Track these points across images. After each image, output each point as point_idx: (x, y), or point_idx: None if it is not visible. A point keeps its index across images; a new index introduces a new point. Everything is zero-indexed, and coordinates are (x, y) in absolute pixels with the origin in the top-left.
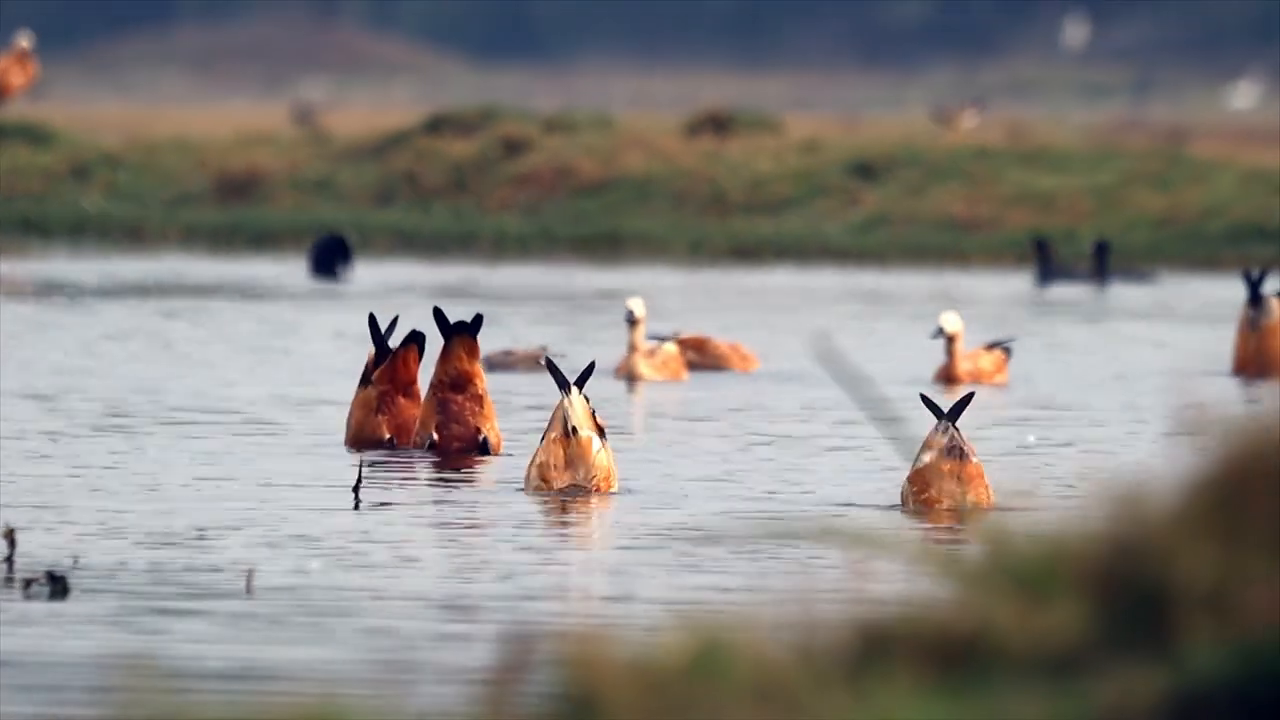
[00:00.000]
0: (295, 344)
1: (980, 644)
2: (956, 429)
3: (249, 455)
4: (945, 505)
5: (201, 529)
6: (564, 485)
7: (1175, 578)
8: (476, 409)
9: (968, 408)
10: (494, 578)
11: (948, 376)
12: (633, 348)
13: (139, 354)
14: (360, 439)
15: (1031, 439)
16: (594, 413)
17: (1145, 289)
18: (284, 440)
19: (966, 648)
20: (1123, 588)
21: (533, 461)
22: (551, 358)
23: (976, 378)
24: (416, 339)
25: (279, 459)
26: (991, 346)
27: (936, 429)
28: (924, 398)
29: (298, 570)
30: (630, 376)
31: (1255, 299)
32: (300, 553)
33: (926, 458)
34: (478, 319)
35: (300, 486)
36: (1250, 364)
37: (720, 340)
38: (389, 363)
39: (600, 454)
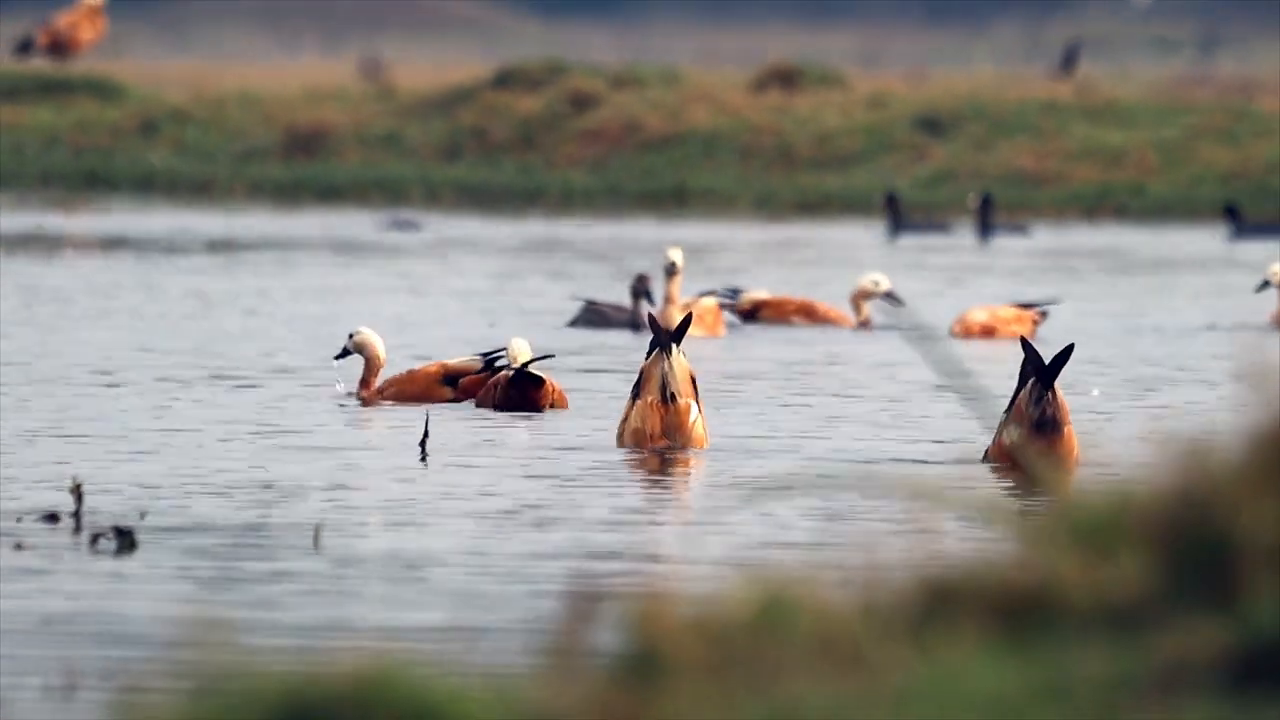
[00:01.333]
0: (363, 301)
1: (1044, 599)
2: (1052, 391)
3: (314, 410)
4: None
5: (268, 484)
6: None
7: (1239, 532)
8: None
9: (1067, 363)
10: (561, 532)
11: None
12: (669, 299)
13: (203, 311)
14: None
15: (1096, 392)
16: (692, 373)
17: (1023, 240)
18: (346, 396)
19: (1031, 602)
20: (1186, 542)
21: (626, 424)
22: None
23: (990, 331)
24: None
25: (342, 414)
26: (1026, 307)
27: (1030, 394)
28: (1024, 343)
29: (364, 525)
30: None
31: None
32: (368, 507)
33: (1014, 433)
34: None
35: (365, 443)
36: None
37: (827, 305)
38: None
39: (697, 423)
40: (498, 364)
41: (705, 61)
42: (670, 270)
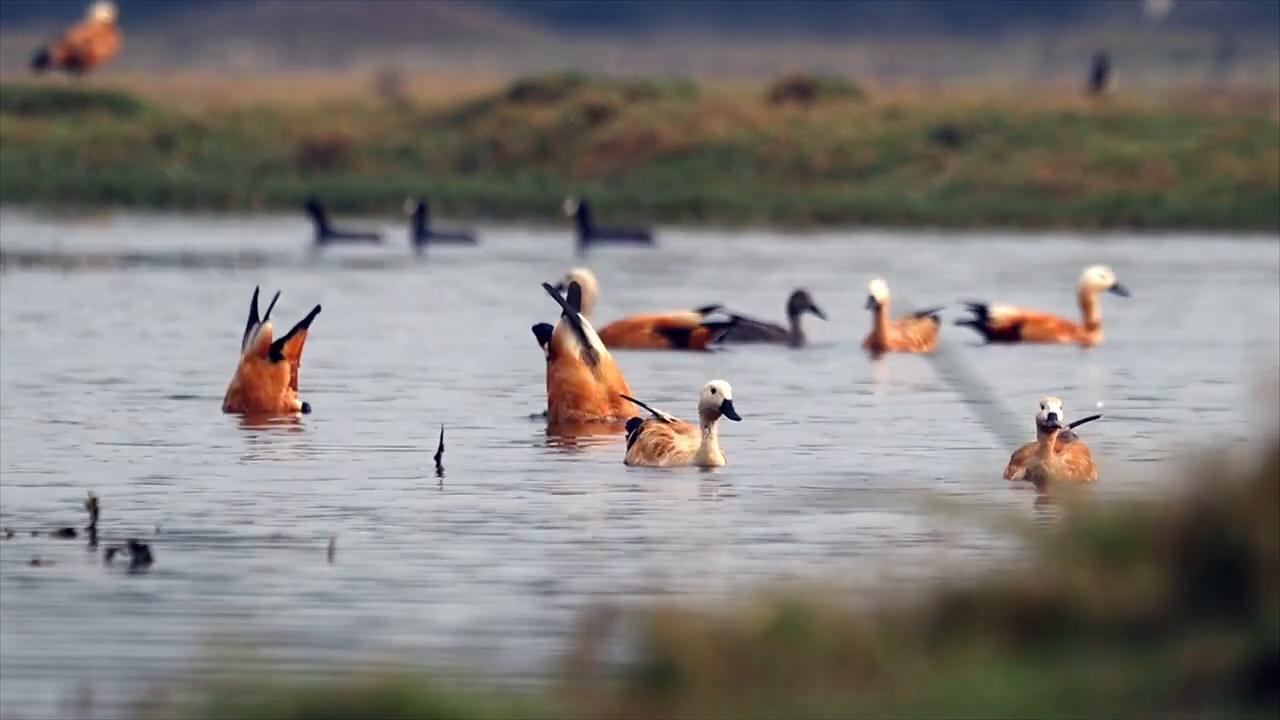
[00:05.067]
0: (380, 312)
1: (1060, 610)
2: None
3: (330, 423)
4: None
5: (283, 497)
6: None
7: (1254, 544)
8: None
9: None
10: (578, 545)
11: (875, 344)
12: (879, 337)
13: (222, 323)
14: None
15: (1100, 404)
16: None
17: (465, 249)
18: (365, 406)
19: (1047, 614)
20: (1202, 554)
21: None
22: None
23: (905, 347)
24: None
25: (358, 426)
26: (921, 315)
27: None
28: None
29: (379, 538)
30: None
31: None
32: (383, 520)
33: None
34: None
35: (380, 455)
36: None
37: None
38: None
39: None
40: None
41: (720, 73)
42: (872, 304)
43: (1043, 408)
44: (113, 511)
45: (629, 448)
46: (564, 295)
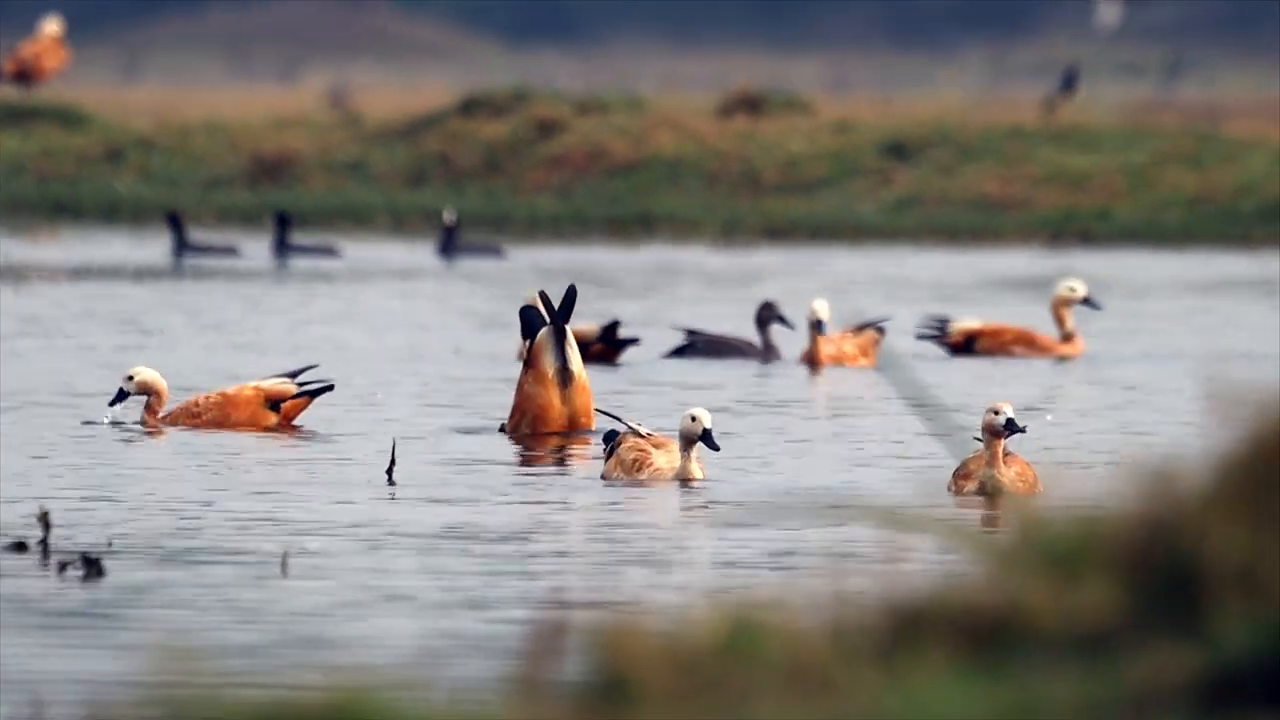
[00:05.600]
0: (334, 327)
1: (1012, 623)
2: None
3: (280, 436)
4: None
5: (236, 510)
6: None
7: (1206, 556)
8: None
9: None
10: (530, 557)
11: (810, 360)
12: (815, 354)
13: (176, 337)
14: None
15: (1049, 418)
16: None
17: (331, 262)
18: (317, 419)
19: (998, 627)
20: (1154, 567)
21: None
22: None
23: (839, 361)
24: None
25: (308, 439)
26: (861, 328)
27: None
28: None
29: (332, 551)
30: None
31: None
32: (336, 533)
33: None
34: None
35: (332, 467)
36: None
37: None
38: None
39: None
40: (310, 386)
41: (670, 87)
42: (815, 325)
43: (996, 413)
44: (65, 525)
45: (606, 461)
46: (555, 304)
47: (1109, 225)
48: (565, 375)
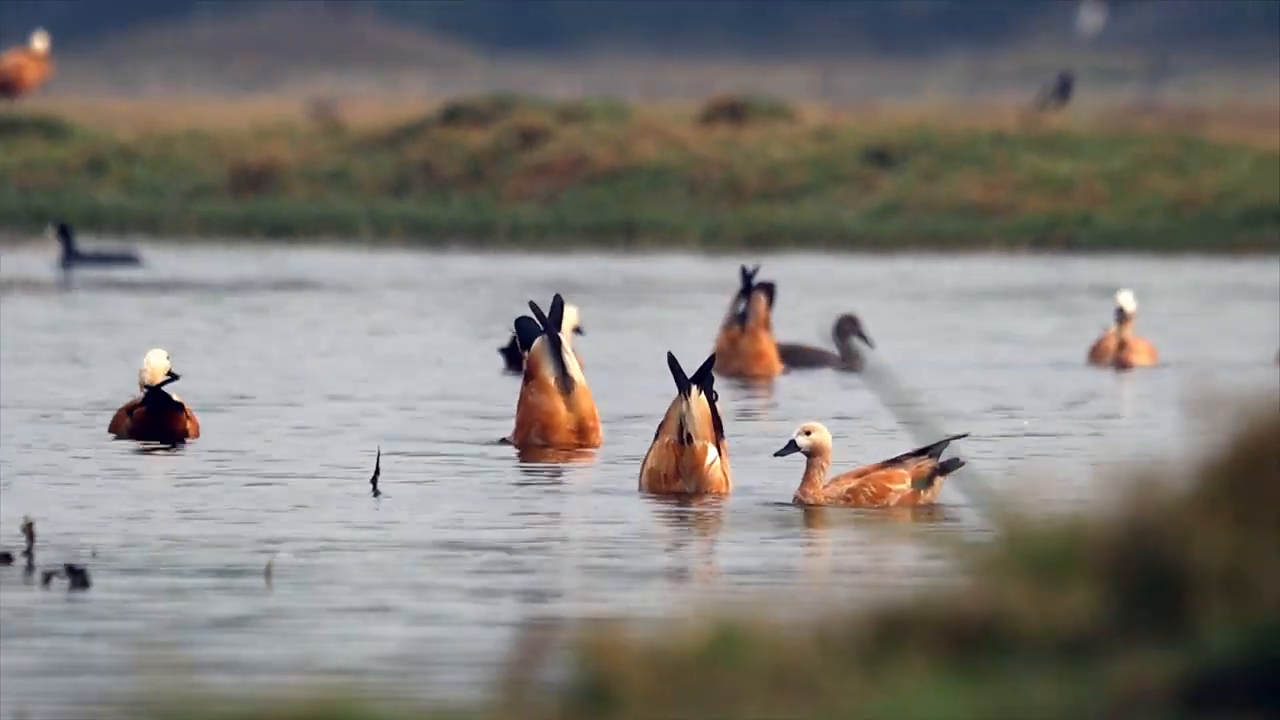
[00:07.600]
0: (322, 336)
1: (996, 628)
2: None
3: (264, 446)
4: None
5: (221, 520)
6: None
7: (1189, 561)
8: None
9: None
10: (512, 565)
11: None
12: (1124, 343)
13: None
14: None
15: (1026, 424)
16: (715, 414)
17: (131, 271)
18: (300, 430)
19: (982, 632)
20: (1137, 571)
21: (644, 466)
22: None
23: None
24: None
25: (293, 449)
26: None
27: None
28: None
29: (316, 561)
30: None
31: None
32: (319, 543)
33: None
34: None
35: (316, 478)
36: None
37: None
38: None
39: (714, 466)
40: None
41: (653, 94)
42: (1121, 316)
43: (808, 434)
44: (49, 537)
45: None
46: (546, 314)
47: (1092, 231)
48: (566, 382)
